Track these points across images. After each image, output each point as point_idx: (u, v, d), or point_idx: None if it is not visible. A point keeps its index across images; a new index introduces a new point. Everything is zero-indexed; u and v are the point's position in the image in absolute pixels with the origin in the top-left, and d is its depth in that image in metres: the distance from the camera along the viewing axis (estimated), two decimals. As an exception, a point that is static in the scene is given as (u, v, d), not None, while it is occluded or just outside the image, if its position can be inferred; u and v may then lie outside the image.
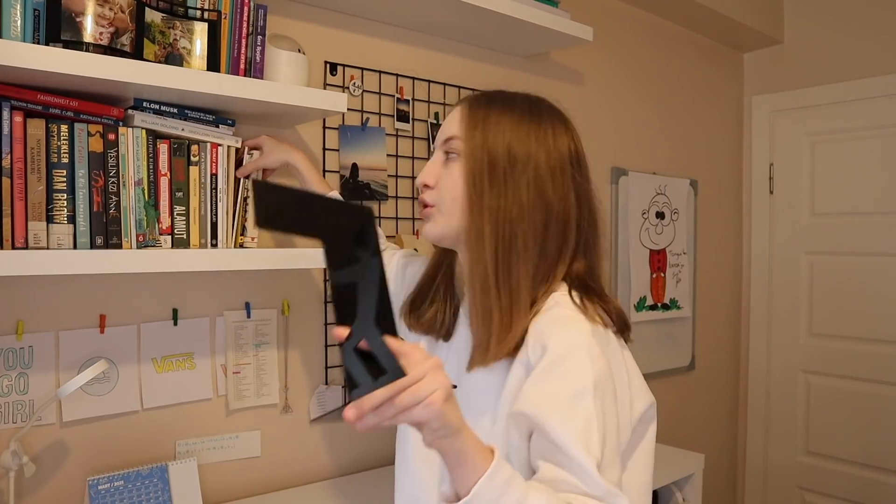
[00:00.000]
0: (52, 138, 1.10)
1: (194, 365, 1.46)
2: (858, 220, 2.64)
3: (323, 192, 1.40)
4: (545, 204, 0.94)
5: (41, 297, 1.28)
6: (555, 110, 1.02)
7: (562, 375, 0.85)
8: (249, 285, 1.54)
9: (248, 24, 1.29)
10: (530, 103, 1.00)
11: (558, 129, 0.98)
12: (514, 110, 0.98)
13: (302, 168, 1.41)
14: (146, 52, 1.17)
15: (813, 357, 2.78)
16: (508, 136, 0.95)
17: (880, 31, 2.57)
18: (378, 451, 1.75)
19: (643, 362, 2.45)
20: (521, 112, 0.98)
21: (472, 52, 1.95)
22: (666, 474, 1.82)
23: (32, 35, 1.06)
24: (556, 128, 0.98)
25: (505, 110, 0.97)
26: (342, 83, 1.68)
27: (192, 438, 1.46)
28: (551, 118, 0.99)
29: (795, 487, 2.82)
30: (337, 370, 1.68)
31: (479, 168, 0.95)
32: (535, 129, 0.96)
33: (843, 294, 2.68)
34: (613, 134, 2.38)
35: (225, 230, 1.28)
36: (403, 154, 1.80)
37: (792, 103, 2.82)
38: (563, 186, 0.96)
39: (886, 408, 2.57)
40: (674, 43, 2.62)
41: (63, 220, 1.10)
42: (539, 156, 0.95)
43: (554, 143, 0.96)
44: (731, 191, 2.93)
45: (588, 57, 2.28)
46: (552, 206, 0.94)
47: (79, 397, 1.31)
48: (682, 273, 2.62)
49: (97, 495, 1.25)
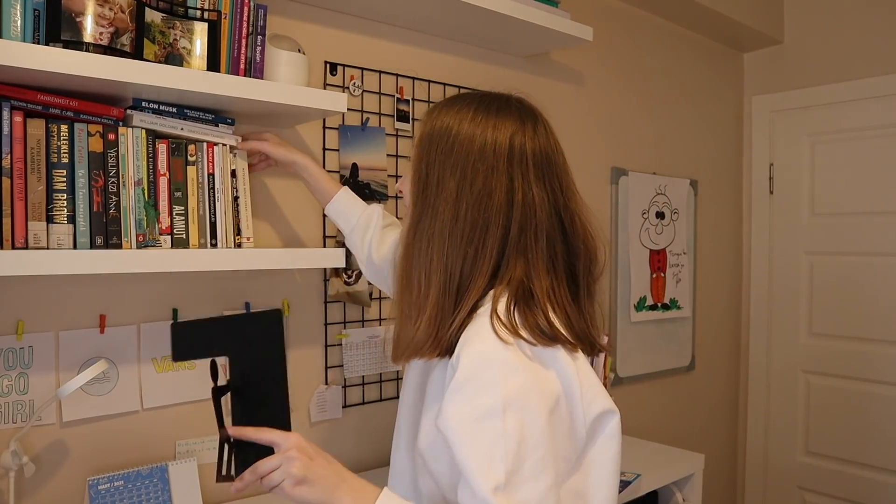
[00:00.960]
0: (52, 138, 1.10)
1: (194, 365, 1.46)
2: (858, 220, 2.64)
3: (331, 191, 1.44)
4: (462, 196, 0.90)
5: (41, 297, 1.27)
6: (513, 105, 0.96)
7: (469, 396, 0.82)
8: (249, 285, 1.54)
9: (248, 24, 1.29)
10: (483, 97, 0.97)
11: (504, 122, 0.93)
12: (462, 104, 0.96)
13: (312, 170, 1.44)
14: (146, 52, 1.17)
15: (813, 357, 2.78)
16: (445, 125, 0.94)
17: (880, 31, 2.57)
18: (378, 452, 1.75)
19: (643, 362, 2.49)
20: (468, 105, 0.96)
21: (472, 52, 1.95)
22: (666, 474, 1.82)
23: (32, 35, 1.06)
24: (503, 120, 0.93)
25: (453, 105, 0.97)
26: (342, 83, 1.68)
27: (192, 438, 1.46)
28: (501, 111, 0.94)
29: (795, 487, 2.82)
30: (337, 370, 1.68)
31: (418, 158, 0.96)
32: (474, 121, 0.93)
33: (843, 294, 2.68)
34: (613, 134, 2.38)
35: (224, 230, 1.28)
36: (403, 154, 1.80)
37: (792, 103, 2.82)
38: (492, 177, 0.90)
39: (887, 408, 2.57)
40: (674, 43, 2.62)
41: (63, 220, 1.10)
42: (472, 145, 0.91)
43: (493, 133, 0.92)
44: (730, 191, 2.93)
45: (588, 57, 2.28)
46: (467, 201, 0.90)
47: (79, 397, 1.31)
48: (682, 273, 2.62)
49: (97, 495, 1.25)
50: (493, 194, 0.89)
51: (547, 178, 0.93)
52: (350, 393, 1.71)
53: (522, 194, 0.90)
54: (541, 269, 0.90)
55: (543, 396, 0.84)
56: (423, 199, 0.94)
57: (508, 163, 0.91)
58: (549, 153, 0.94)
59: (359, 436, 1.72)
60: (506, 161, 0.90)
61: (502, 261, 0.91)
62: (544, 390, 0.84)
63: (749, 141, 2.96)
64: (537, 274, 0.90)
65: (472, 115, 0.93)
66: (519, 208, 0.90)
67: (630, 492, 1.65)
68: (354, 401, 1.72)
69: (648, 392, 2.53)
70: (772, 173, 2.89)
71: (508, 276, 0.90)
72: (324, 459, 0.90)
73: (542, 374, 0.85)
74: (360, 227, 1.43)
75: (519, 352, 0.85)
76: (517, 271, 0.90)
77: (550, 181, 0.93)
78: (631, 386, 2.45)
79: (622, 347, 2.39)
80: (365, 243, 1.42)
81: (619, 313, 2.38)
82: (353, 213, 1.44)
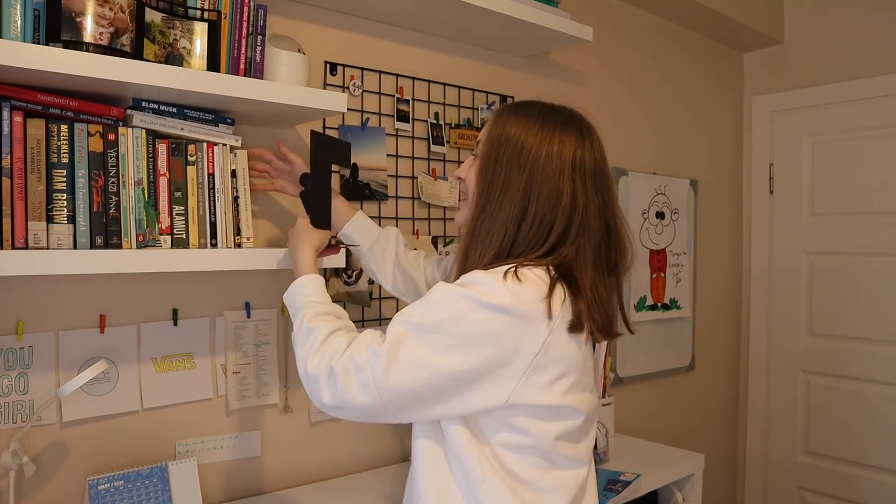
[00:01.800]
0: (52, 138, 1.10)
1: (194, 365, 1.46)
2: (858, 220, 2.64)
3: (349, 211, 1.47)
4: (531, 195, 1.02)
5: (41, 297, 1.28)
6: (575, 120, 1.10)
7: (458, 286, 0.97)
8: (249, 285, 1.54)
9: (248, 24, 1.29)
10: (548, 110, 1.10)
11: (568, 136, 1.06)
12: (530, 114, 1.08)
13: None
14: (146, 52, 1.17)
15: (813, 357, 2.78)
16: (515, 132, 1.07)
17: (880, 31, 2.57)
18: (378, 452, 1.75)
19: (643, 362, 2.49)
20: (535, 115, 1.08)
21: (472, 52, 1.95)
22: (666, 474, 1.82)
23: (32, 35, 1.06)
24: (566, 135, 1.06)
25: (521, 114, 1.09)
26: (342, 83, 1.68)
27: (192, 438, 1.46)
28: (565, 125, 1.08)
29: (795, 487, 2.82)
30: (337, 370, 1.68)
31: (486, 155, 1.08)
32: (542, 131, 1.06)
33: (843, 294, 2.68)
34: (613, 134, 2.38)
35: (224, 230, 1.28)
36: (403, 154, 1.80)
37: (792, 103, 2.82)
38: (560, 183, 1.03)
39: (886, 408, 2.57)
40: (674, 43, 2.62)
41: (63, 220, 1.10)
42: (540, 152, 1.04)
43: (559, 146, 1.05)
44: (731, 191, 2.93)
45: (588, 57, 2.28)
46: (538, 199, 1.02)
47: (79, 397, 1.31)
48: (682, 273, 2.62)
49: (97, 495, 1.25)
50: (560, 197, 1.02)
51: (599, 187, 1.07)
52: (350, 393, 1.71)
53: (583, 201, 1.03)
54: (588, 264, 1.03)
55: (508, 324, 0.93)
56: (488, 192, 1.06)
57: (572, 172, 1.04)
58: (602, 165, 1.09)
59: (359, 436, 1.72)
60: (570, 170, 1.04)
61: (554, 251, 1.03)
62: (512, 322, 0.94)
63: (749, 141, 2.96)
64: (585, 268, 1.02)
65: (539, 126, 1.06)
66: (580, 212, 1.03)
67: (630, 492, 1.65)
68: (354, 401, 1.72)
69: (648, 392, 2.53)
70: (772, 173, 2.89)
71: (558, 263, 1.01)
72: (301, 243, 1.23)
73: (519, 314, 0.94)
74: (381, 241, 1.45)
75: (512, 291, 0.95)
76: (566, 261, 1.02)
77: (601, 190, 1.07)
78: (631, 386, 2.45)
79: (622, 347, 2.39)
80: (388, 257, 1.45)
81: (619, 313, 2.38)
82: (373, 230, 1.47)
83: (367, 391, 0.94)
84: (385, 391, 0.93)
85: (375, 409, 0.95)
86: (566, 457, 1.02)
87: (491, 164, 1.07)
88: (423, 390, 0.93)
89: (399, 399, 0.94)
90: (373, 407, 0.95)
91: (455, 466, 0.99)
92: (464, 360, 0.93)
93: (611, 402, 2.01)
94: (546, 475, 1.00)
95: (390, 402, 0.94)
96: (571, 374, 0.98)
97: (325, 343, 1.02)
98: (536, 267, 0.99)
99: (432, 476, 1.01)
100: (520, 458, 0.98)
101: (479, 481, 0.97)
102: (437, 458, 1.02)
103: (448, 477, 1.00)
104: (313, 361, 1.00)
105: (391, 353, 0.94)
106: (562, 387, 0.97)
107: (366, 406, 0.95)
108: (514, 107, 1.13)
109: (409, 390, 0.93)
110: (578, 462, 1.04)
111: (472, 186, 1.11)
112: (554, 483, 1.00)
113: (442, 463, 1.01)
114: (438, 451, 1.02)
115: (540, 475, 0.99)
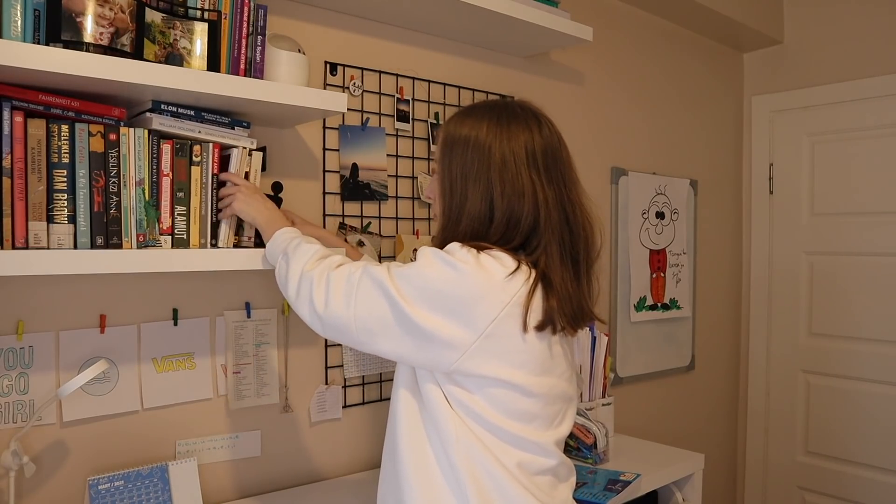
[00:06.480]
0: (53, 138, 1.10)
1: (194, 365, 1.46)
2: (858, 220, 2.64)
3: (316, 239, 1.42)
4: (494, 198, 1.06)
5: (41, 297, 1.28)
6: (525, 113, 1.11)
7: (442, 251, 1.04)
8: (249, 285, 1.54)
9: (248, 24, 1.29)
10: (493, 108, 1.12)
11: (517, 131, 1.08)
12: (475, 112, 1.12)
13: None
14: (146, 53, 1.17)
15: (813, 357, 2.78)
16: (462, 131, 1.10)
17: (880, 31, 2.57)
18: (378, 452, 1.75)
19: (643, 362, 2.49)
20: (482, 112, 1.11)
21: (472, 52, 1.96)
22: (666, 474, 1.82)
23: (33, 35, 1.06)
24: (516, 129, 1.08)
25: (469, 114, 1.12)
26: (342, 83, 1.68)
27: (192, 438, 1.46)
28: (514, 121, 1.09)
29: (795, 487, 2.82)
30: (337, 370, 1.68)
31: (441, 171, 1.12)
32: (490, 128, 1.08)
33: (843, 294, 2.68)
34: (613, 134, 2.38)
35: (225, 230, 1.29)
36: (403, 154, 1.80)
37: (792, 103, 2.82)
38: (517, 181, 1.05)
39: (886, 408, 2.58)
40: (674, 43, 2.62)
41: (63, 220, 1.10)
42: (493, 156, 1.07)
43: (508, 143, 1.07)
44: (730, 191, 2.93)
45: (588, 57, 2.28)
46: (506, 195, 1.05)
47: (79, 397, 1.31)
48: (682, 273, 2.62)
49: (97, 495, 1.25)
50: (523, 195, 1.05)
51: (554, 175, 1.08)
52: (350, 393, 1.71)
53: (543, 195, 1.06)
54: (556, 257, 1.05)
55: (473, 286, 0.99)
56: (450, 201, 1.10)
57: (527, 167, 1.06)
58: (555, 149, 1.10)
59: (358, 436, 1.72)
60: (525, 166, 1.06)
61: (526, 247, 1.06)
62: (477, 288, 0.99)
63: (749, 141, 2.96)
64: (554, 264, 1.04)
65: (486, 126, 1.08)
66: (542, 207, 1.05)
67: (630, 492, 1.65)
68: (354, 401, 1.72)
69: (648, 392, 2.53)
70: (772, 173, 2.89)
71: (534, 260, 1.04)
72: (261, 197, 1.27)
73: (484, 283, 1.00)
74: None
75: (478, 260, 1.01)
76: (537, 257, 1.05)
77: (557, 177, 1.08)
78: (631, 386, 2.45)
79: (622, 347, 2.39)
80: None
81: (619, 313, 2.38)
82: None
83: (347, 303, 1.04)
84: (358, 308, 1.03)
85: (347, 323, 1.04)
86: (527, 440, 1.05)
87: (446, 179, 1.11)
88: (385, 321, 1.02)
89: (364, 323, 1.03)
90: (345, 320, 1.04)
91: (430, 427, 1.06)
92: (427, 315, 0.99)
93: (611, 402, 2.01)
94: (507, 450, 1.04)
95: (360, 323, 1.03)
96: (524, 353, 1.02)
97: (327, 257, 1.13)
98: (506, 254, 1.04)
99: (411, 429, 1.08)
100: (482, 428, 1.04)
101: (453, 441, 1.03)
102: (415, 413, 1.08)
103: (423, 433, 1.07)
104: (314, 266, 1.11)
105: (370, 280, 1.04)
106: (511, 361, 1.01)
107: (339, 317, 1.05)
108: (459, 112, 1.15)
109: (375, 317, 1.02)
110: (543, 451, 1.07)
111: (437, 202, 1.15)
112: (515, 460, 1.04)
113: (418, 418, 1.08)
114: (415, 406, 1.08)
115: (502, 448, 1.04)
